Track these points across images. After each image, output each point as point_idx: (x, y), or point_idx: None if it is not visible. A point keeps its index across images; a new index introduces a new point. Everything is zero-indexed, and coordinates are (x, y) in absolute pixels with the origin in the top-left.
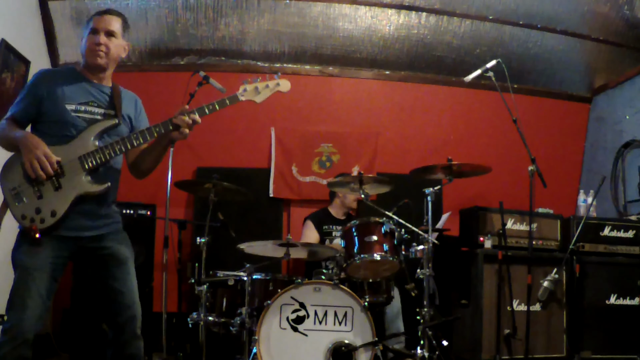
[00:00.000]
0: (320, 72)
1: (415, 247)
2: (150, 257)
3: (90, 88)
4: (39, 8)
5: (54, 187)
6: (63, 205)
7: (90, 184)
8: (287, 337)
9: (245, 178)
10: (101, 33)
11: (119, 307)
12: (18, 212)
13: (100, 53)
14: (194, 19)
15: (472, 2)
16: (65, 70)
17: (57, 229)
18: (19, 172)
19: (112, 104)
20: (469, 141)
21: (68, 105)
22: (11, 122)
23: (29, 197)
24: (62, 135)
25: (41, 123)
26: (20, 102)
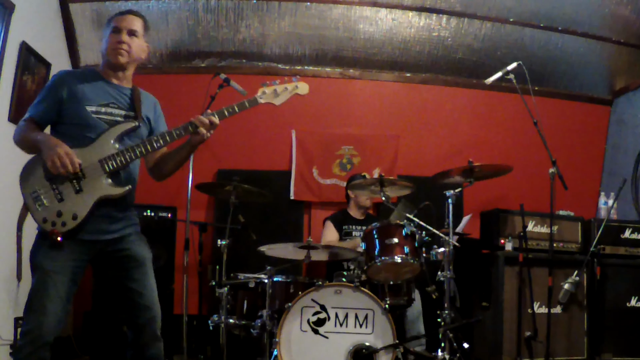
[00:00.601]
0: (341, 75)
1: (436, 250)
2: (171, 260)
3: (111, 89)
4: (60, 10)
5: (74, 190)
6: (84, 208)
7: (111, 186)
8: (308, 339)
9: (266, 180)
10: (123, 32)
11: (138, 308)
12: (39, 215)
13: (122, 51)
14: (214, 22)
15: (492, 5)
16: (85, 72)
17: (78, 233)
18: (39, 175)
19: (132, 106)
20: (489, 143)
21: (88, 106)
22: (30, 123)
23: (49, 200)
24: (82, 137)
25: (61, 125)
26: (39, 104)
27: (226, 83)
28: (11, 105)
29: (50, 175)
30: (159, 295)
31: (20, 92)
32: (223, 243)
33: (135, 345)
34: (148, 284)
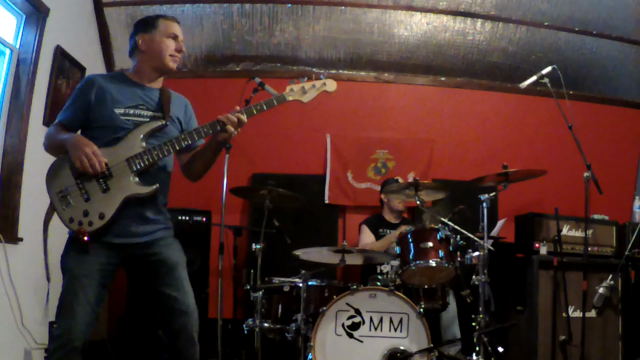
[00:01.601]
0: (375, 79)
1: (471, 254)
2: (206, 264)
3: (139, 91)
4: (95, 14)
5: (101, 189)
6: (111, 207)
7: (138, 185)
8: (343, 343)
9: (301, 184)
10: (179, 40)
11: (173, 313)
12: (65, 215)
13: (177, 60)
14: (249, 25)
15: (527, 9)
16: (113, 75)
17: (105, 234)
18: (65, 175)
19: (160, 106)
20: (524, 147)
21: (117, 109)
22: (60, 127)
23: (76, 199)
24: (111, 139)
25: (91, 129)
26: (68, 108)
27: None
28: (46, 109)
29: (76, 175)
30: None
31: (55, 96)
32: (258, 247)
33: (171, 349)
34: (182, 289)
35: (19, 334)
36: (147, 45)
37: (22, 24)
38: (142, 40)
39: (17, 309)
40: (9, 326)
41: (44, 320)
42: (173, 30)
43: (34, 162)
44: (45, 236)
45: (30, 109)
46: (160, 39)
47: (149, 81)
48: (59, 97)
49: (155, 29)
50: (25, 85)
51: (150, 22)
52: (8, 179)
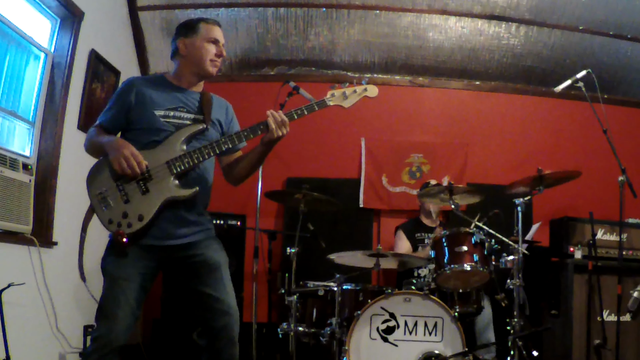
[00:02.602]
0: (410, 83)
1: (506, 258)
2: (241, 267)
3: (179, 94)
4: (129, 18)
5: (141, 192)
6: (151, 209)
7: (178, 188)
8: (377, 347)
9: (335, 188)
10: (220, 44)
11: (215, 313)
12: (105, 216)
13: (218, 64)
14: (284, 29)
15: (562, 13)
16: (153, 78)
17: (145, 236)
18: (106, 177)
19: (201, 109)
20: (559, 152)
21: (157, 111)
22: (100, 130)
23: (115, 201)
24: (151, 141)
25: (131, 131)
26: (108, 110)
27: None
28: (80, 113)
29: (116, 177)
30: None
31: (89, 100)
32: (292, 251)
33: (211, 350)
34: (225, 289)
35: (53, 338)
36: (187, 50)
37: (57, 28)
38: (183, 44)
39: (52, 313)
40: (44, 330)
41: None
42: (214, 35)
43: (68, 166)
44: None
45: (65, 113)
46: (200, 43)
47: (189, 85)
48: (94, 101)
49: (196, 33)
50: (59, 89)
51: (192, 25)
52: (43, 183)
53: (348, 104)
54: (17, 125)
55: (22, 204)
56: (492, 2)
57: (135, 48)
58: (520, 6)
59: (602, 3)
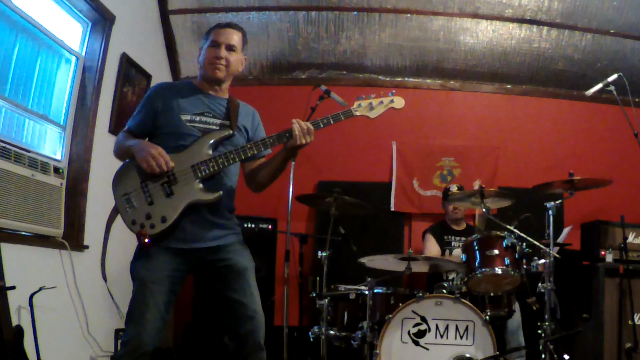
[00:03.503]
0: (441, 86)
1: (537, 261)
2: (272, 271)
3: (206, 99)
4: (161, 22)
5: (165, 194)
6: (174, 211)
7: (202, 192)
8: (409, 351)
9: (366, 192)
10: (222, 46)
11: (240, 318)
12: (128, 217)
13: (219, 66)
14: (315, 33)
15: (593, 17)
16: (181, 84)
17: (170, 240)
18: (131, 178)
19: (227, 115)
20: (590, 155)
21: (183, 115)
22: (128, 134)
23: (139, 202)
24: (177, 145)
25: (157, 136)
26: (136, 115)
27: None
28: (111, 116)
29: (142, 179)
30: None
31: (120, 103)
32: (323, 254)
33: (238, 355)
34: (250, 294)
35: (84, 342)
36: (200, 56)
37: (88, 31)
38: (199, 52)
39: (83, 316)
40: (75, 334)
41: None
42: (214, 38)
43: (99, 169)
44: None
45: (96, 117)
46: (205, 48)
47: (211, 90)
48: (125, 105)
49: (206, 39)
50: (91, 93)
51: (206, 33)
52: (74, 187)
53: (374, 114)
54: (49, 128)
55: (53, 208)
56: (523, 6)
57: (166, 51)
58: (551, 10)
59: (633, 6)
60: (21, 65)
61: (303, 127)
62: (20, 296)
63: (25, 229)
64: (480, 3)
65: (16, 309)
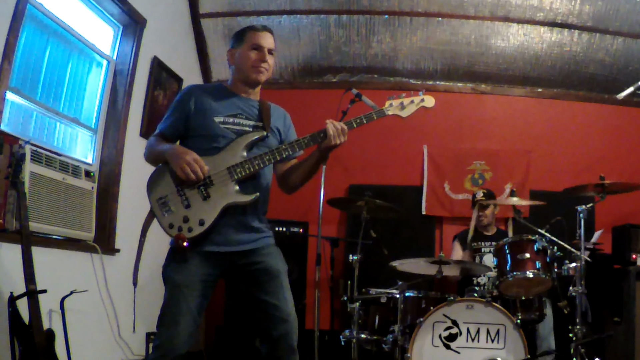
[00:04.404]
0: (472, 90)
1: (568, 265)
2: (303, 274)
3: (238, 101)
4: (192, 25)
5: (202, 197)
6: (211, 214)
7: (239, 194)
8: (440, 354)
9: (397, 195)
10: (265, 50)
11: (273, 320)
12: (165, 221)
13: (264, 70)
14: (346, 37)
15: (624, 20)
16: (212, 86)
17: (207, 244)
18: (166, 182)
19: (260, 117)
20: (621, 159)
21: (216, 117)
22: (160, 138)
23: (176, 206)
24: (211, 148)
25: (190, 139)
26: (168, 118)
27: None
28: (143, 120)
29: (177, 182)
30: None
31: (151, 107)
32: (355, 258)
33: (270, 357)
34: (283, 297)
35: (115, 345)
36: (235, 59)
37: (119, 35)
38: (232, 53)
39: (115, 320)
40: (107, 337)
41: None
42: (256, 41)
43: (131, 173)
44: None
45: (127, 120)
46: (244, 51)
47: (244, 92)
48: (156, 108)
49: (242, 41)
50: (122, 96)
51: (240, 35)
52: (105, 190)
53: (406, 113)
54: (80, 132)
55: (85, 211)
56: (554, 10)
57: (197, 55)
58: (582, 13)
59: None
60: (52, 69)
61: (337, 127)
62: (51, 300)
63: (56, 232)
64: (512, 7)
65: (47, 312)
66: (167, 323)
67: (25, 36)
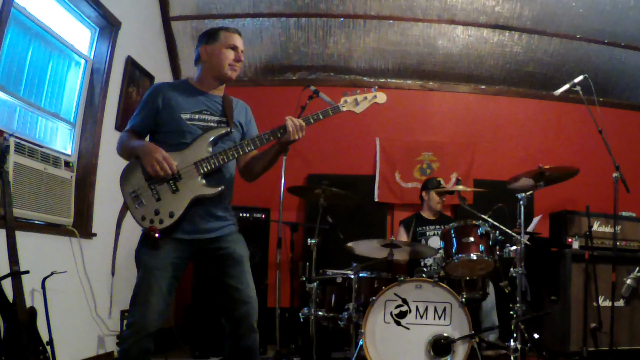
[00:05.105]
0: (421, 87)
1: (509, 248)
2: (265, 257)
3: (203, 98)
4: (163, 28)
5: (171, 190)
6: (180, 207)
7: (205, 187)
8: (391, 330)
9: (352, 184)
10: (239, 50)
11: (236, 302)
12: (138, 214)
13: (237, 69)
14: (305, 38)
15: (561, 23)
16: (178, 83)
17: (176, 231)
18: (138, 177)
19: (224, 112)
20: (558, 150)
21: (183, 114)
22: (131, 133)
23: (147, 199)
24: (178, 143)
25: (159, 133)
26: (138, 115)
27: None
28: (118, 115)
29: (148, 177)
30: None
31: (126, 102)
32: (313, 242)
33: (233, 336)
34: (245, 280)
35: (93, 322)
36: (208, 56)
37: (96, 36)
38: (205, 50)
39: (91, 298)
40: (84, 314)
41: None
42: (232, 42)
43: (106, 164)
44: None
45: (104, 115)
46: (220, 50)
47: (211, 89)
48: (130, 104)
49: (217, 40)
50: (98, 93)
51: (213, 34)
52: (83, 179)
53: (359, 109)
54: (60, 126)
55: (64, 199)
56: (496, 12)
57: (168, 55)
58: (522, 16)
59: (598, 13)
60: (34, 68)
61: (296, 124)
62: (33, 280)
63: (38, 218)
64: (457, 10)
65: (30, 291)
66: (140, 302)
67: (10, 37)
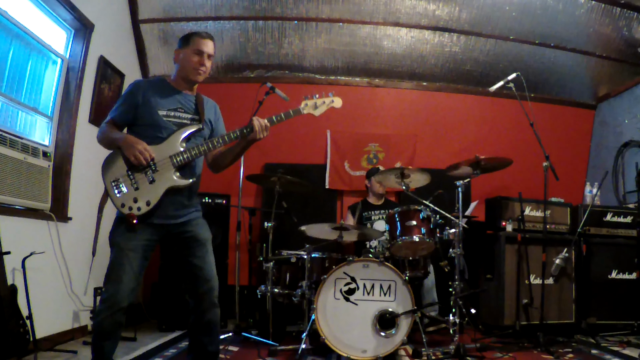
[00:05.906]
0: (368, 84)
1: (448, 231)
2: (226, 239)
3: (179, 96)
4: (132, 30)
5: (148, 180)
6: (156, 196)
7: (179, 178)
8: (340, 305)
9: (305, 172)
10: (205, 55)
11: (199, 280)
12: (118, 201)
13: (202, 72)
14: (262, 39)
15: (496, 25)
16: (157, 81)
17: (150, 217)
18: (118, 167)
19: (197, 110)
20: (493, 141)
21: (160, 111)
22: (111, 125)
23: (127, 188)
24: (154, 136)
25: (136, 126)
26: (118, 108)
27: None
28: (91, 109)
29: (128, 167)
30: (216, 269)
31: (98, 98)
32: (269, 225)
33: (196, 311)
34: (208, 261)
35: (68, 298)
36: (179, 59)
37: (71, 37)
38: (178, 53)
39: (67, 277)
40: (60, 291)
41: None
42: (199, 47)
43: (81, 153)
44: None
45: (78, 109)
46: (188, 54)
47: (184, 88)
48: (102, 99)
49: (188, 45)
50: (73, 89)
51: (187, 38)
52: (59, 168)
53: (318, 112)
54: (38, 119)
55: (42, 186)
56: (437, 16)
57: (137, 54)
58: (460, 19)
59: (530, 16)
60: (15, 66)
61: (262, 124)
62: (14, 260)
63: (18, 203)
64: (401, 14)
65: (11, 270)
66: (113, 280)
67: None
